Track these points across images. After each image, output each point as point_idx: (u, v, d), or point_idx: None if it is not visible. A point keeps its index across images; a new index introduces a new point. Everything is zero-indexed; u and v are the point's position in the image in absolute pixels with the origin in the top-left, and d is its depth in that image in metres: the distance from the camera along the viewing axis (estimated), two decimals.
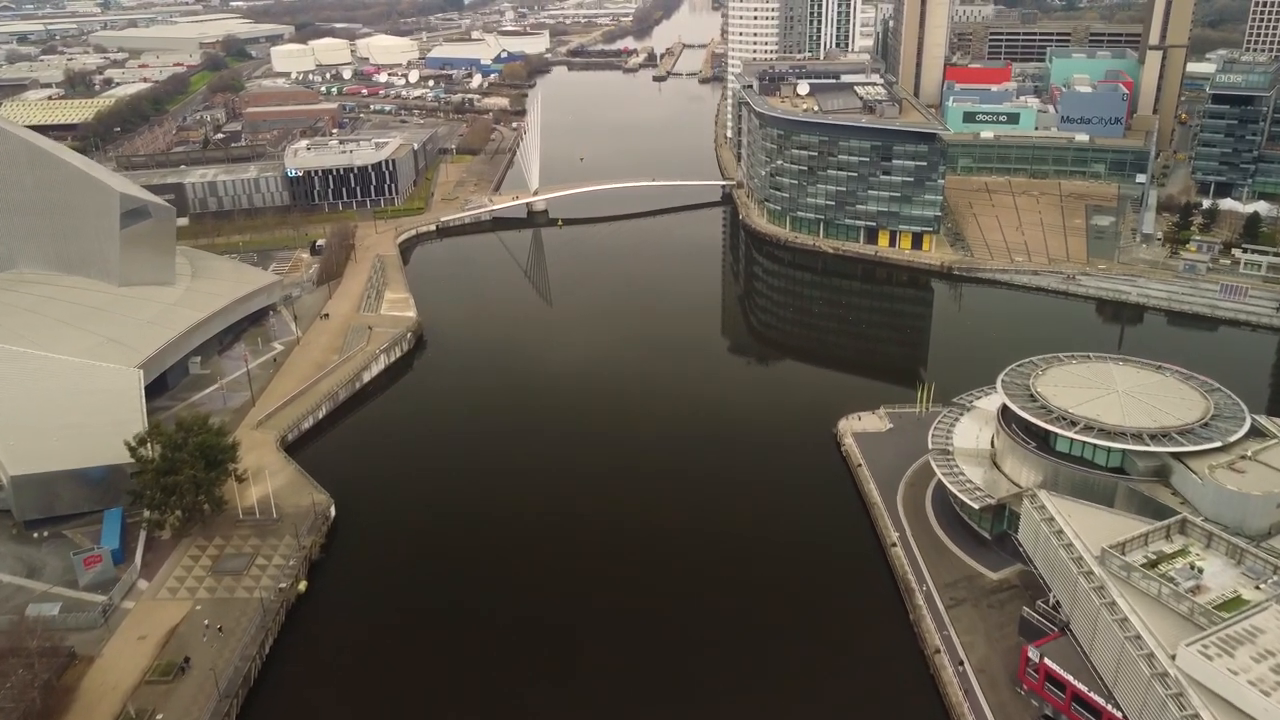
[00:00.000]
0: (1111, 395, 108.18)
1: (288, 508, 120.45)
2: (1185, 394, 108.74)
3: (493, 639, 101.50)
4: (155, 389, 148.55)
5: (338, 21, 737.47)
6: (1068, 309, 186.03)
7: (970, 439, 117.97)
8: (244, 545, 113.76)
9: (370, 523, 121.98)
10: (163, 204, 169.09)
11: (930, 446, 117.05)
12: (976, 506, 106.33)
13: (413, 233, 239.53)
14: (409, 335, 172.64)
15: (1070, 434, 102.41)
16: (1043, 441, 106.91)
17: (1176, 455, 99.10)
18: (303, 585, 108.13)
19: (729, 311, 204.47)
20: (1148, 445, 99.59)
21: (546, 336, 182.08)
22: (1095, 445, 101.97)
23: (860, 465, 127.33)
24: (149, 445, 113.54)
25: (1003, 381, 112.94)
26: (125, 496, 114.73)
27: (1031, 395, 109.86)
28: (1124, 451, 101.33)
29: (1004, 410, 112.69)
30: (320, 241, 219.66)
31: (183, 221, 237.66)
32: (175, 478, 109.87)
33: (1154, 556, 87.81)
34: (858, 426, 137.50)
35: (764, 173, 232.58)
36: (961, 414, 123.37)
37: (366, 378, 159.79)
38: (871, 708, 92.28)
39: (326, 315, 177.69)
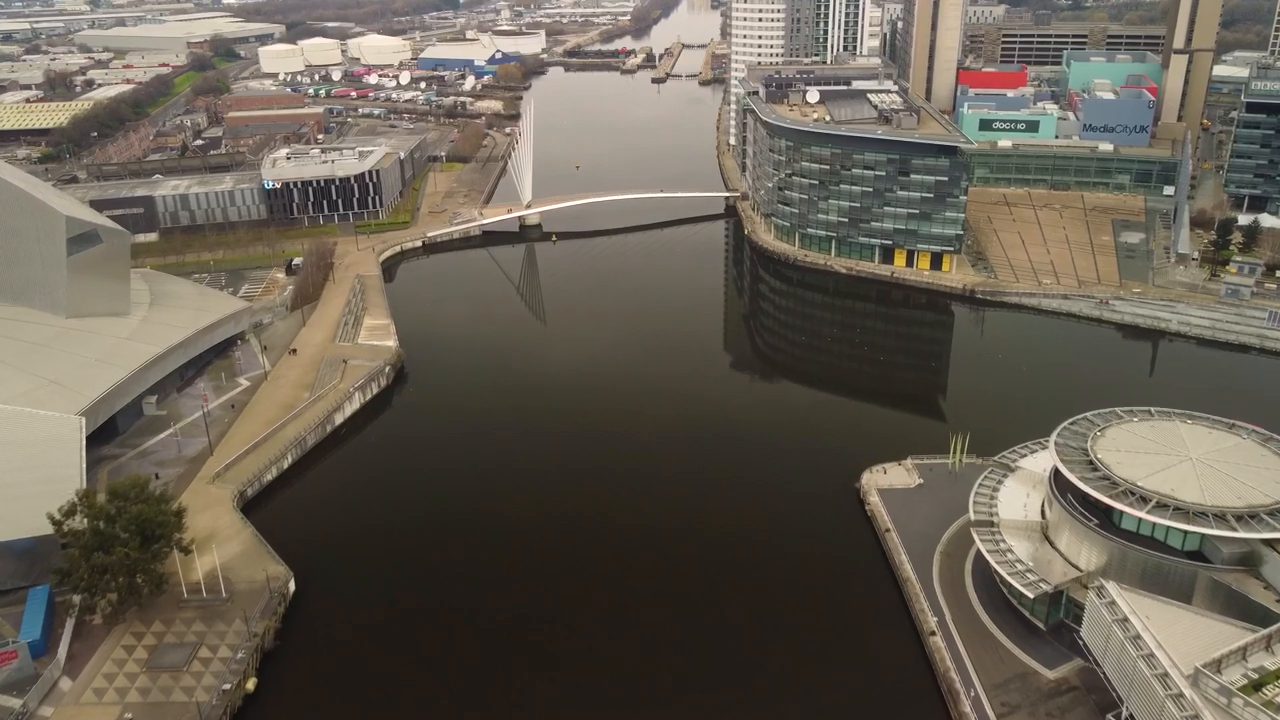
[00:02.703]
0: (1184, 464, 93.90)
1: (240, 583, 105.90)
2: (1269, 462, 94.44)
3: None
4: (104, 434, 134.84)
5: (330, 20, 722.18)
6: (1102, 338, 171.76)
7: (1017, 507, 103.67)
8: (187, 632, 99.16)
9: (334, 600, 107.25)
10: (115, 227, 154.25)
11: (972, 517, 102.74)
12: (1031, 595, 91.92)
13: (397, 249, 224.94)
14: (387, 369, 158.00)
15: (1142, 514, 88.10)
16: (1105, 517, 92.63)
17: (1269, 542, 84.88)
18: (251, 683, 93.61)
19: (735, 337, 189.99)
20: (1234, 529, 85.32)
21: (538, 366, 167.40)
22: (1170, 527, 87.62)
23: (889, 530, 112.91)
24: (78, 516, 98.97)
25: (1056, 445, 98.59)
26: (52, 575, 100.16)
27: (1091, 462, 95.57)
28: (1203, 534, 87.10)
29: (1056, 476, 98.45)
30: (297, 260, 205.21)
31: (151, 237, 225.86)
32: (106, 557, 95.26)
33: (1255, 675, 73.58)
34: (883, 481, 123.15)
35: (771, 185, 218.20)
36: (1004, 476, 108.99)
37: (339, 419, 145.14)
38: None
39: (295, 351, 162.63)
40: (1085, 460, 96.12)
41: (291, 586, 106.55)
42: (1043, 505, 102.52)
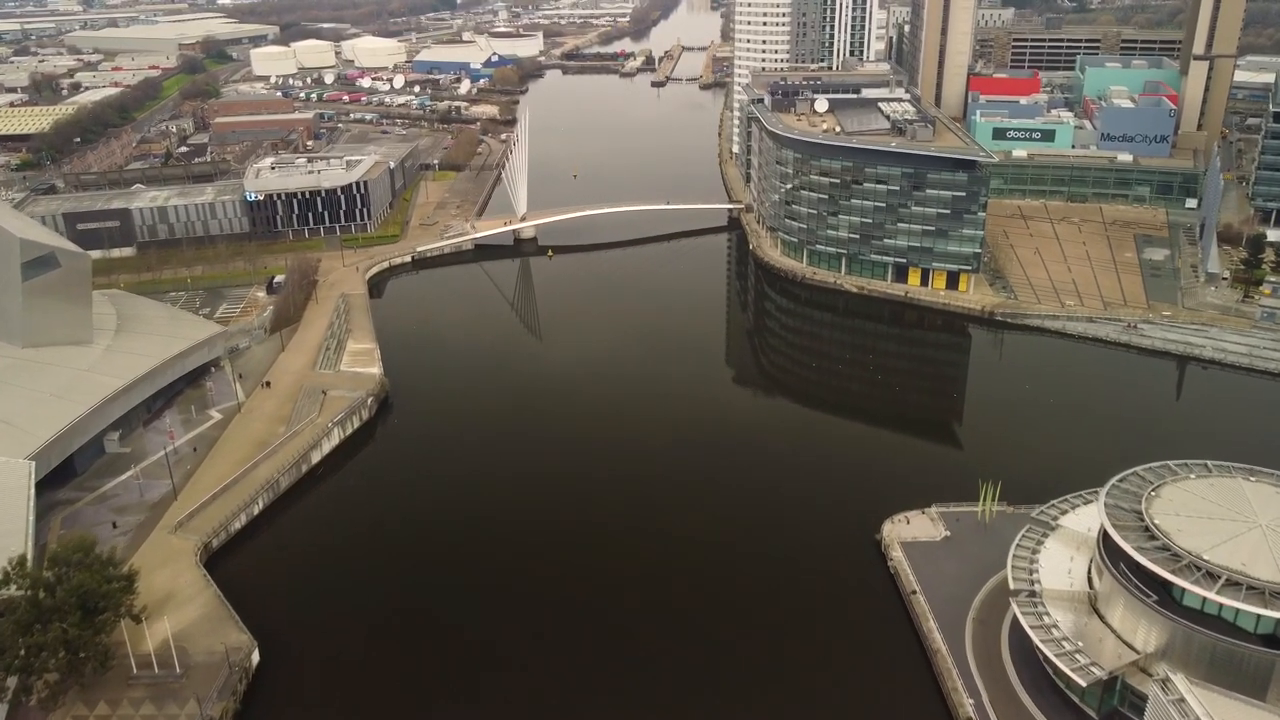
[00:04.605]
0: (1253, 531, 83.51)
1: (198, 654, 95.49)
2: None
3: None
4: (61, 475, 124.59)
5: (325, 21, 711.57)
6: (1132, 365, 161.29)
7: (1060, 574, 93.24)
8: (134, 715, 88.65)
9: (302, 674, 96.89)
10: (74, 249, 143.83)
11: (1011, 585, 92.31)
12: (1083, 683, 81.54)
13: (385, 265, 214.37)
14: (370, 400, 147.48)
15: (1210, 593, 77.74)
16: (1165, 593, 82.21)
17: None
18: None
19: (739, 361, 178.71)
20: None
21: (533, 392, 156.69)
22: (1241, 609, 77.24)
23: (915, 592, 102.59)
24: (12, 585, 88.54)
25: (1107, 507, 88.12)
26: None
27: (1147, 528, 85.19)
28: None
29: (1107, 542, 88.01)
30: (279, 278, 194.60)
31: (128, 252, 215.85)
32: (42, 635, 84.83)
33: None
34: (906, 533, 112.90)
35: (777, 198, 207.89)
36: (1044, 535, 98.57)
37: (316, 458, 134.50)
38: None
39: (269, 384, 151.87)
40: (1140, 526, 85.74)
41: (255, 658, 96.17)
42: (1089, 571, 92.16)
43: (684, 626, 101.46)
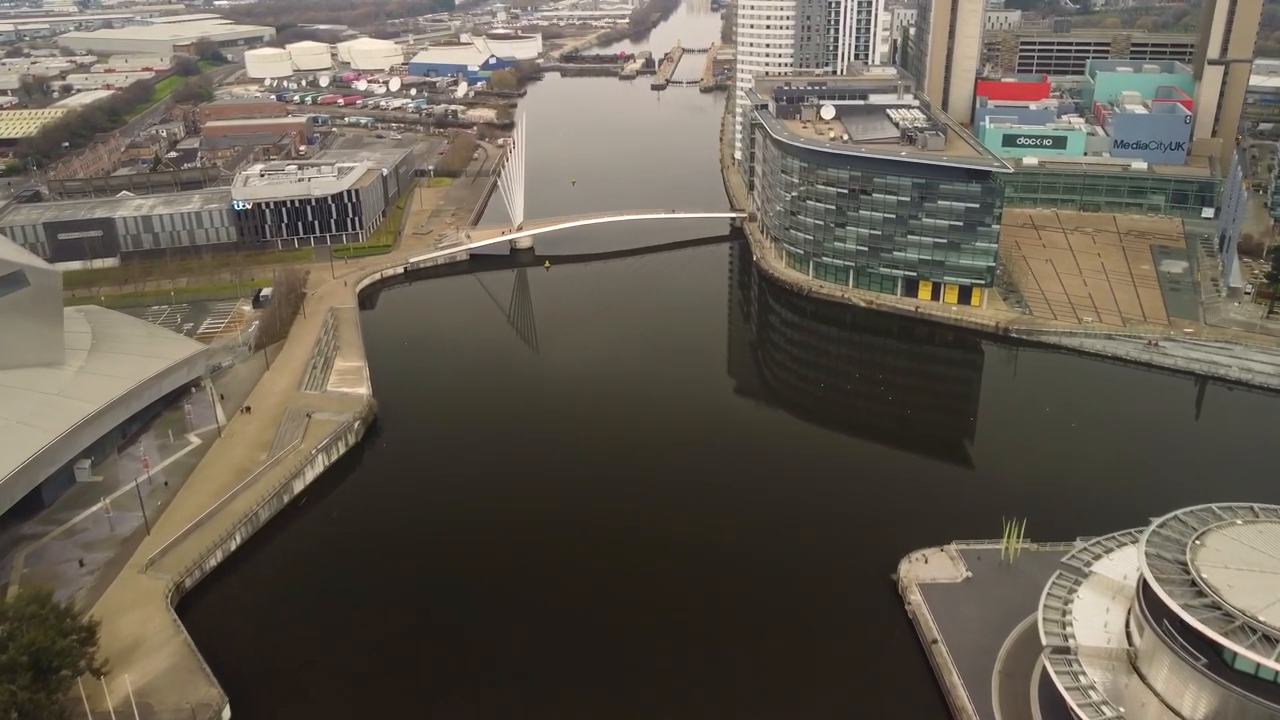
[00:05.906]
0: None
1: (164, 712, 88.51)
2: None
3: None
4: (28, 506, 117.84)
5: (322, 23, 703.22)
6: (1155, 385, 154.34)
7: (1096, 627, 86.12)
8: None
9: None
10: (45, 267, 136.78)
11: (1043, 639, 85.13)
12: None
13: (376, 276, 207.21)
14: (357, 424, 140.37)
15: (1269, 661, 70.78)
16: (1215, 655, 75.26)
17: None
18: None
19: (743, 380, 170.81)
20: None
21: (529, 412, 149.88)
22: None
23: (936, 641, 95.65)
24: None
25: (1148, 557, 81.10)
26: None
27: (1194, 582, 78.17)
28: None
29: (1148, 595, 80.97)
30: (266, 291, 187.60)
31: (111, 262, 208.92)
32: None
33: None
34: (925, 573, 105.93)
35: (781, 208, 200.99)
36: (1076, 582, 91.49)
37: (298, 487, 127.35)
38: None
39: (248, 409, 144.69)
40: (1186, 579, 78.70)
41: (225, 715, 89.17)
42: (1128, 624, 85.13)
43: (685, 674, 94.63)
